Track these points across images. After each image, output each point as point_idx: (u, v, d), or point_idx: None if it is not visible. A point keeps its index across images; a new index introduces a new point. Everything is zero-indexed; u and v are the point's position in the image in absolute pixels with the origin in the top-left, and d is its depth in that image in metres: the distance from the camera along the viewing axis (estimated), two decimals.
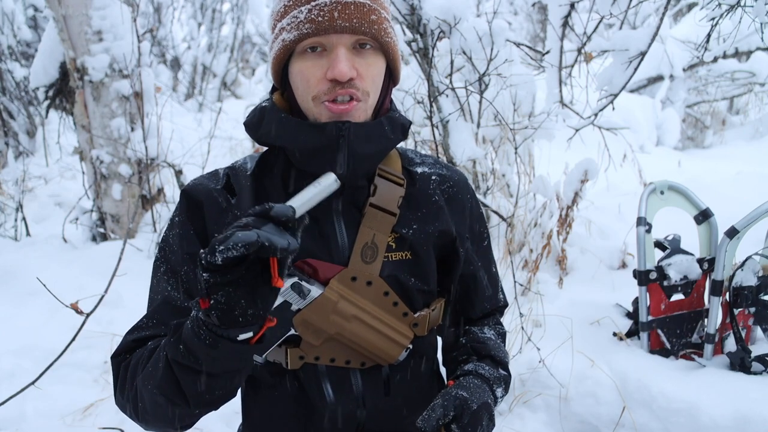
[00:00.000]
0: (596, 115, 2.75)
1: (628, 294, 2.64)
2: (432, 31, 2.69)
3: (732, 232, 2.15)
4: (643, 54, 2.47)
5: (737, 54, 5.82)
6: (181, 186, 3.44)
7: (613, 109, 2.67)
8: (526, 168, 3.56)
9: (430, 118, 2.75)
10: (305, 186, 0.77)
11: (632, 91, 6.62)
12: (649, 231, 2.31)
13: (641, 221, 2.31)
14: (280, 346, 0.99)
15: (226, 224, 0.97)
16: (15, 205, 4.17)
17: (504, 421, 2.24)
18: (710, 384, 2.04)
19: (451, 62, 2.80)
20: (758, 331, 2.32)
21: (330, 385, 1.03)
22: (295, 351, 0.99)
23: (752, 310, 2.23)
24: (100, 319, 2.66)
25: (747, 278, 2.16)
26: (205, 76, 10.80)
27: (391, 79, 1.03)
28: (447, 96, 2.85)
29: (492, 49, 2.71)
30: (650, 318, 2.30)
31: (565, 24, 2.81)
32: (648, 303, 2.30)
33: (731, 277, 2.17)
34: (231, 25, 11.01)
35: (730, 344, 2.21)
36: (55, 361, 2.03)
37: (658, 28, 2.42)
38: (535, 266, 3.13)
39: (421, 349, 1.10)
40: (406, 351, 1.05)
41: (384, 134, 0.99)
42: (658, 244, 2.37)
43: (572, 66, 3.09)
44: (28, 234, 4.22)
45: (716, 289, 2.18)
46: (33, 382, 1.95)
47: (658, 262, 2.33)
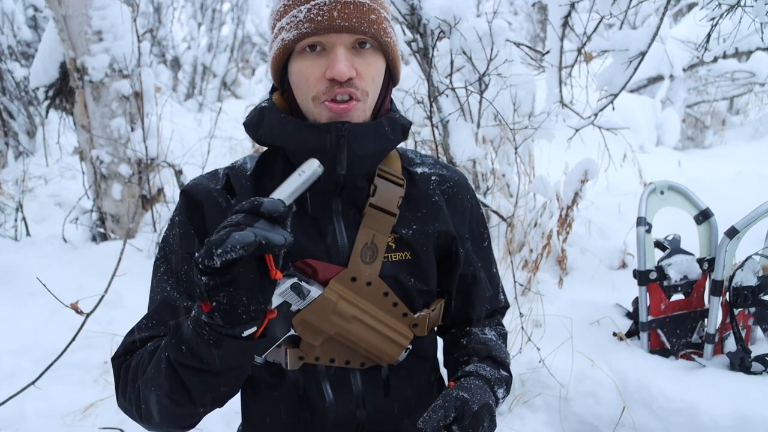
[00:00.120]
0: (596, 115, 2.75)
1: (628, 294, 2.64)
2: (432, 31, 2.68)
3: (732, 232, 2.15)
4: (643, 54, 2.47)
5: (737, 54, 5.82)
6: (181, 186, 3.43)
7: (613, 109, 2.67)
8: (526, 168, 3.56)
9: (430, 118, 2.75)
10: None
11: (632, 91, 6.61)
12: (649, 231, 2.31)
13: (641, 221, 2.31)
14: (279, 347, 0.99)
15: None
16: (15, 205, 4.17)
17: (504, 421, 2.24)
18: (710, 384, 2.04)
19: (451, 62, 2.80)
20: (758, 331, 2.32)
21: (330, 386, 1.03)
22: (295, 351, 0.99)
23: (752, 310, 2.23)
24: (100, 319, 2.66)
25: (747, 278, 2.16)
26: (205, 76, 10.80)
27: (390, 79, 1.02)
28: (447, 96, 2.85)
29: (492, 49, 2.71)
30: (650, 318, 2.30)
31: (565, 24, 2.81)
32: (648, 303, 2.30)
33: (731, 277, 2.17)
34: (231, 25, 11.02)
35: (730, 344, 2.21)
36: (55, 361, 2.03)
37: (658, 28, 2.42)
38: (535, 266, 3.13)
39: (420, 350, 1.09)
40: (406, 351, 1.05)
41: (384, 135, 0.98)
42: (658, 244, 2.37)
43: (572, 66, 3.09)
44: (28, 234, 4.21)
45: (716, 289, 2.18)
46: (33, 382, 1.95)
47: (658, 262, 2.33)
